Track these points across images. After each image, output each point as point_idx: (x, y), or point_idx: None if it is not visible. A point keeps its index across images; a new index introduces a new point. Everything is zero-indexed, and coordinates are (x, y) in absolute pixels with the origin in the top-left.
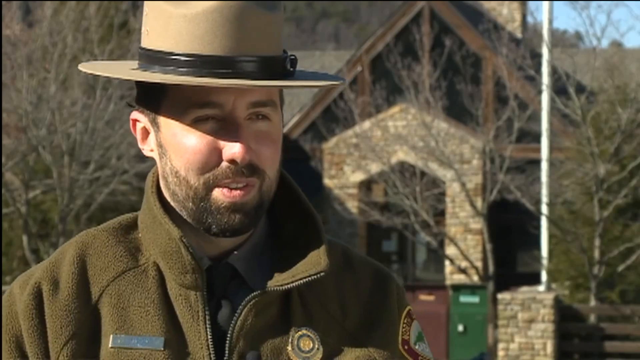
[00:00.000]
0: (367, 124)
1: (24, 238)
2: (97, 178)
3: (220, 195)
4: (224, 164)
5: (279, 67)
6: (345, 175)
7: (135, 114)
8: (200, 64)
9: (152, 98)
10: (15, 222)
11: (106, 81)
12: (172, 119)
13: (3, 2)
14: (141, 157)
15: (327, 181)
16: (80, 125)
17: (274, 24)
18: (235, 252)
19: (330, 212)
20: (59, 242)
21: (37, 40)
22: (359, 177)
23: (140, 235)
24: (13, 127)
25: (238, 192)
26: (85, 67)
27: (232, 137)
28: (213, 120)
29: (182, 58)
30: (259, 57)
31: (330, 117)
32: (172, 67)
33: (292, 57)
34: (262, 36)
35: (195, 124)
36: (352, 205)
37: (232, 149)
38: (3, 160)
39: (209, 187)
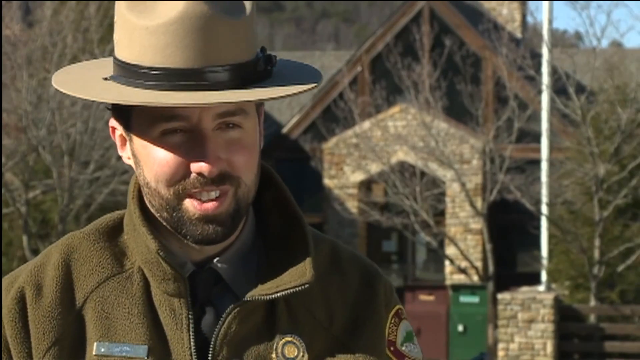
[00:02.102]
0: (367, 124)
1: (24, 238)
2: (97, 178)
3: (190, 206)
4: (193, 175)
5: (249, 71)
6: (345, 175)
7: (112, 122)
8: (163, 77)
9: (123, 110)
10: (15, 222)
11: None
12: (142, 130)
13: (3, 2)
14: None
15: (327, 181)
16: (80, 125)
17: (242, 29)
18: (219, 258)
19: (330, 212)
20: None
21: (37, 40)
22: (359, 177)
23: (126, 238)
24: (13, 127)
25: (210, 204)
26: (58, 78)
27: (199, 149)
28: (180, 133)
29: (145, 71)
30: (226, 66)
31: (330, 117)
32: (138, 80)
33: (268, 56)
34: (228, 44)
35: (163, 136)
36: (352, 205)
37: (199, 163)
38: (3, 160)
39: (179, 197)
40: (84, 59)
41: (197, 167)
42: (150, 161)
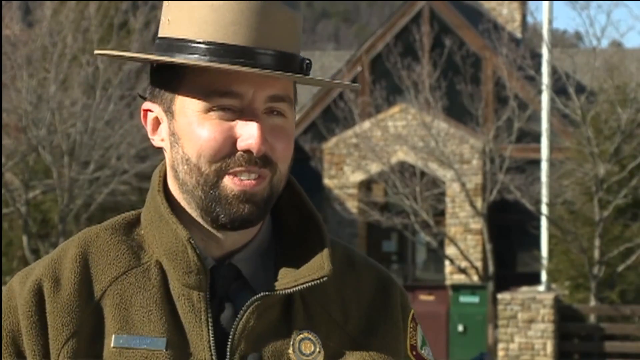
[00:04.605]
0: (367, 124)
1: (24, 238)
2: (97, 178)
3: (230, 183)
4: (238, 153)
5: (296, 65)
6: (345, 175)
7: (147, 104)
8: (222, 52)
9: (170, 85)
10: (15, 222)
11: (106, 81)
12: (189, 106)
13: (3, 2)
14: (141, 157)
15: (327, 181)
16: (80, 125)
17: (295, 22)
18: (238, 254)
19: (330, 212)
20: (59, 242)
21: (37, 40)
22: (359, 177)
23: (143, 232)
24: (13, 127)
25: (249, 182)
26: (104, 52)
27: (249, 128)
28: (231, 110)
29: (204, 46)
30: (278, 52)
31: (330, 117)
32: (192, 55)
33: (307, 60)
34: (283, 31)
35: (213, 112)
36: (352, 205)
37: (249, 140)
38: (3, 160)
39: (220, 175)
40: (84, 59)
41: (246, 144)
42: (196, 137)
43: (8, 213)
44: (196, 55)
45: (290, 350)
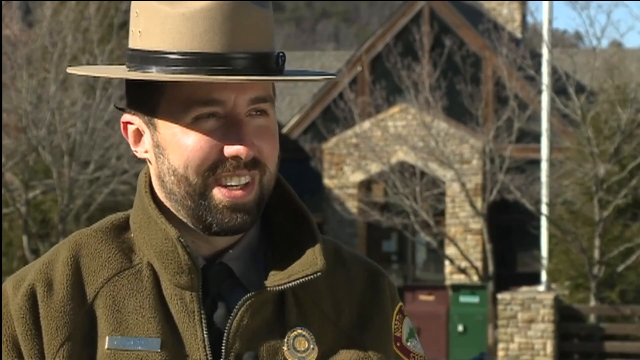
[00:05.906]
0: (367, 124)
1: (24, 238)
2: (97, 178)
3: (219, 194)
4: (227, 160)
5: (272, 63)
6: (345, 175)
7: (127, 117)
8: (199, 61)
9: (149, 98)
10: (15, 222)
11: (106, 81)
12: (171, 118)
13: (3, 2)
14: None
15: (327, 181)
16: (80, 125)
17: (267, 20)
18: (230, 252)
19: (330, 212)
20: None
21: (37, 40)
22: (358, 177)
23: (132, 235)
24: (13, 127)
25: (239, 192)
26: (76, 71)
27: (235, 134)
28: (214, 118)
29: (180, 57)
30: (253, 54)
31: (330, 117)
32: (169, 67)
33: (281, 53)
34: (256, 32)
35: (196, 121)
36: (352, 205)
37: (236, 145)
38: (3, 160)
39: (208, 185)
40: (84, 59)
41: (234, 150)
42: (182, 147)
43: (8, 213)
44: (172, 67)
45: (285, 347)
